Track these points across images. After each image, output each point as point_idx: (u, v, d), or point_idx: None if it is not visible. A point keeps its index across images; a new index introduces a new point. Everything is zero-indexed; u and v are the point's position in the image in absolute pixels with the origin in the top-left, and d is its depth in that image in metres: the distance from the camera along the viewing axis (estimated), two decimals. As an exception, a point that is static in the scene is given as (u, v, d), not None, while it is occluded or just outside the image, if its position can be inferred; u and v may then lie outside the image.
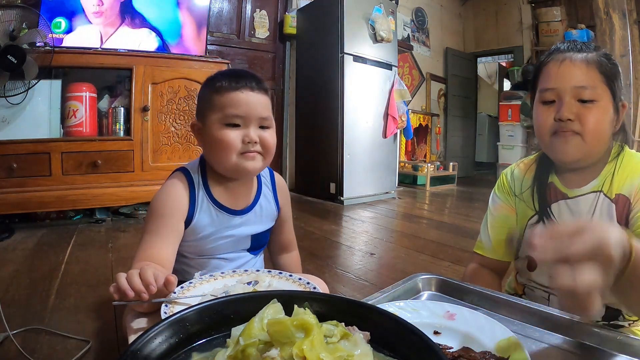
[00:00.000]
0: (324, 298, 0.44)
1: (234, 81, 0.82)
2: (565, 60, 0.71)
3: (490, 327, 0.53)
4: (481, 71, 6.66)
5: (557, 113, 0.71)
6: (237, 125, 0.81)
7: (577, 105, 0.70)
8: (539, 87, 0.75)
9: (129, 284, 0.58)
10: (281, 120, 3.74)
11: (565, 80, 0.70)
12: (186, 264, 0.89)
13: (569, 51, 0.73)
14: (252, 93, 0.82)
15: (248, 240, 0.92)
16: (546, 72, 0.74)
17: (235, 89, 0.81)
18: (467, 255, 1.92)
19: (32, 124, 2.14)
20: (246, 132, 0.81)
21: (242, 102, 0.81)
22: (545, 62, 0.74)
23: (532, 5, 4.87)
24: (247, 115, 0.81)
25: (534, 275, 0.85)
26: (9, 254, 1.73)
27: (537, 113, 0.75)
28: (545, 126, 0.73)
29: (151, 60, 2.43)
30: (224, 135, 0.80)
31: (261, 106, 0.83)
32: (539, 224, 0.81)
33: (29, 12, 2.15)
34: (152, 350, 0.34)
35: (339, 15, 3.14)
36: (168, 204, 0.83)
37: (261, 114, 0.83)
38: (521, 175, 0.86)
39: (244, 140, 0.81)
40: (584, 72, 0.70)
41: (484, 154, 6.05)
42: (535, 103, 0.77)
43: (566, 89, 0.70)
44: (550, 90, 0.72)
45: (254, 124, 0.82)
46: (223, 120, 0.81)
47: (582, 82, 0.69)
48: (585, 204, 0.76)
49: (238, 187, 0.90)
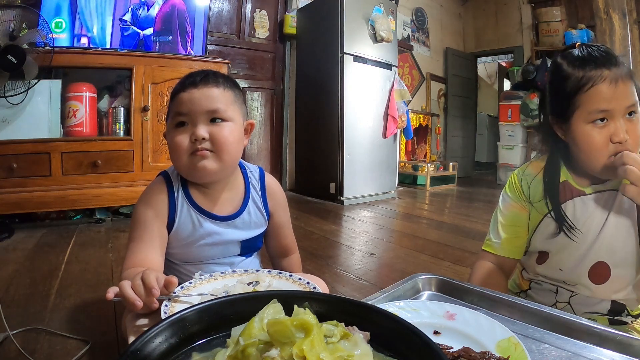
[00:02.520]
0: (324, 298, 0.44)
1: (182, 82, 0.82)
2: (619, 82, 0.70)
3: (490, 327, 0.53)
4: (481, 71, 6.66)
5: (614, 135, 0.71)
6: (184, 125, 0.80)
7: (626, 122, 0.71)
8: (588, 108, 0.72)
9: (137, 293, 0.59)
10: (281, 120, 3.74)
11: (620, 102, 0.70)
12: (176, 270, 0.88)
13: (612, 65, 0.71)
14: (195, 90, 0.79)
15: (237, 246, 0.90)
16: (600, 94, 0.71)
17: (182, 90, 0.80)
18: (467, 255, 1.92)
19: (32, 124, 2.14)
20: (193, 129, 0.79)
21: (185, 99, 0.79)
22: (595, 82, 0.71)
23: (532, 5, 4.87)
24: (190, 111, 0.79)
25: (542, 270, 0.87)
26: (9, 254, 1.73)
27: (586, 134, 0.73)
28: (601, 148, 0.72)
29: (151, 60, 2.43)
30: (172, 137, 0.80)
31: (206, 99, 0.79)
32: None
33: (29, 12, 2.15)
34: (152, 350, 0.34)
35: (339, 15, 3.14)
36: (148, 210, 0.82)
37: (207, 107, 0.78)
38: (533, 175, 0.86)
39: (190, 139, 0.79)
40: (631, 89, 0.71)
41: (484, 154, 6.04)
42: (579, 121, 0.74)
43: (621, 111, 0.71)
44: (605, 112, 0.71)
45: (202, 120, 0.79)
46: (172, 123, 0.81)
47: (632, 100, 0.71)
48: (605, 200, 0.78)
49: (216, 192, 0.87)
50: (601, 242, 0.78)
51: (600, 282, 0.79)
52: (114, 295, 0.60)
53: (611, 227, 0.77)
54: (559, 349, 0.53)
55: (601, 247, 0.78)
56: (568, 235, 0.79)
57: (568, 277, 0.82)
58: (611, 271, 0.78)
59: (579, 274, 0.80)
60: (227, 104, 0.81)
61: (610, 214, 0.77)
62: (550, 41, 4.60)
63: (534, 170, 0.87)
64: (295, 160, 3.73)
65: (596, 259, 0.79)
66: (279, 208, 0.96)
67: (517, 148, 4.67)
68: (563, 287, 0.84)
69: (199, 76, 0.82)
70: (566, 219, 0.80)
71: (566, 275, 0.82)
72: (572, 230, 0.79)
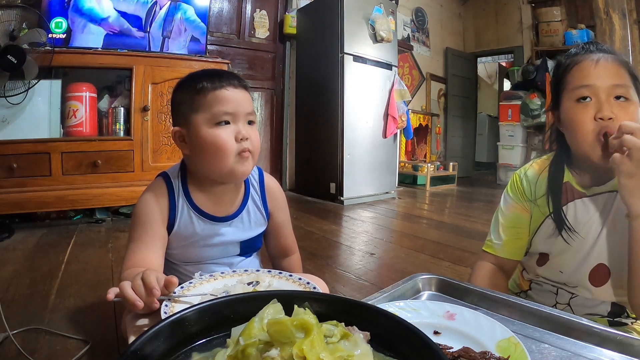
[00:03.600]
0: (324, 298, 0.44)
1: (216, 80, 0.80)
2: (600, 60, 0.72)
3: (490, 327, 0.53)
4: (481, 71, 6.66)
5: (598, 112, 0.71)
6: (227, 123, 0.79)
7: (613, 104, 0.71)
8: (572, 85, 0.74)
9: (137, 294, 0.58)
10: (281, 120, 3.74)
11: (602, 78, 0.71)
12: (176, 270, 0.88)
13: (599, 52, 0.74)
14: (236, 90, 0.81)
15: (237, 246, 0.90)
16: (581, 70, 0.74)
17: (219, 87, 0.79)
18: (467, 255, 1.92)
19: (32, 124, 2.14)
20: (237, 128, 0.79)
21: (230, 98, 0.79)
22: (578, 60, 0.75)
23: (532, 5, 4.87)
24: (236, 111, 0.79)
25: (542, 271, 0.86)
26: (9, 254, 1.73)
27: (572, 112, 0.74)
28: (585, 125, 0.72)
29: (151, 60, 2.43)
30: (216, 136, 0.77)
31: (247, 101, 0.82)
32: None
33: (29, 12, 2.16)
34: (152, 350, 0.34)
35: (339, 15, 3.14)
36: (148, 211, 0.82)
37: (248, 108, 0.81)
38: (535, 176, 0.86)
39: (236, 138, 0.78)
40: (617, 71, 0.72)
41: (484, 154, 6.05)
42: (566, 101, 0.76)
43: (603, 87, 0.71)
44: (587, 87, 0.72)
45: (243, 120, 0.80)
46: (212, 120, 0.78)
47: (617, 80, 0.71)
48: (604, 202, 0.78)
49: (222, 193, 0.87)
50: (601, 244, 0.78)
51: (600, 285, 0.79)
52: (115, 296, 0.60)
53: (611, 229, 0.77)
54: (559, 349, 0.53)
55: (601, 249, 0.78)
56: (565, 239, 0.79)
57: (568, 279, 0.82)
58: (610, 273, 0.78)
59: (580, 276, 0.80)
60: (253, 107, 0.85)
61: (610, 215, 0.77)
62: (550, 41, 4.60)
63: (537, 170, 0.86)
64: (295, 160, 3.73)
65: (596, 261, 0.79)
66: (278, 208, 0.96)
67: (517, 148, 4.67)
68: (563, 288, 0.84)
69: (231, 76, 0.82)
70: (566, 221, 0.80)
71: (566, 277, 0.82)
72: (571, 233, 0.79)
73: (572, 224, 0.79)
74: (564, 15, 4.52)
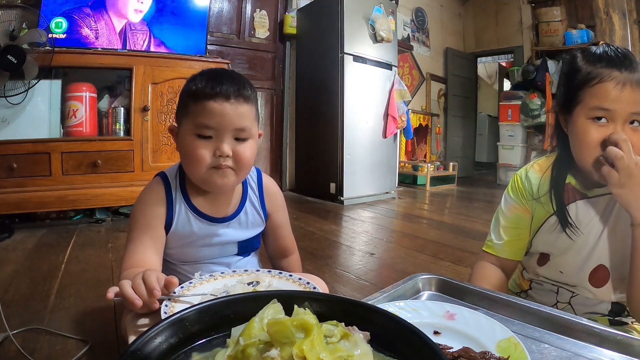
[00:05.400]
0: (324, 298, 0.44)
1: (211, 86, 0.75)
2: (626, 85, 0.69)
3: (490, 327, 0.53)
4: (481, 71, 6.66)
5: (611, 135, 0.70)
6: (208, 137, 0.76)
7: (627, 128, 0.70)
8: (591, 104, 0.72)
9: (137, 293, 0.58)
10: (281, 120, 3.74)
11: (624, 105, 0.69)
12: (174, 270, 0.88)
13: (625, 68, 0.70)
14: (226, 103, 0.75)
15: (235, 246, 0.90)
16: (604, 91, 0.70)
17: (210, 97, 0.75)
18: (467, 255, 1.92)
19: (32, 124, 2.14)
20: (218, 144, 0.75)
21: (216, 112, 0.74)
22: (603, 77, 0.71)
23: (532, 5, 4.87)
24: (220, 127, 0.75)
25: (542, 271, 0.87)
26: (9, 254, 1.73)
27: (583, 129, 0.73)
28: (594, 143, 0.71)
29: (151, 60, 2.43)
30: (194, 148, 0.76)
31: (237, 117, 0.76)
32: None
33: (29, 12, 2.16)
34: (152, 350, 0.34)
35: (339, 15, 3.14)
36: (146, 211, 0.81)
37: (237, 124, 0.76)
38: (537, 177, 0.86)
39: (215, 154, 0.76)
40: (639, 96, 0.70)
41: (484, 154, 6.04)
42: (579, 114, 0.74)
43: (623, 114, 0.70)
44: (605, 111, 0.70)
45: (228, 135, 0.76)
46: (194, 130, 0.76)
47: (638, 107, 0.69)
48: (606, 203, 0.78)
49: (218, 195, 0.86)
50: (602, 246, 0.78)
51: (600, 286, 0.79)
52: (114, 295, 0.60)
53: (611, 230, 0.77)
54: (559, 349, 0.53)
55: (602, 250, 0.78)
56: (570, 235, 0.79)
57: (569, 279, 0.82)
58: (610, 274, 0.78)
59: (580, 277, 0.80)
60: (252, 121, 0.80)
61: (611, 217, 0.77)
62: (550, 41, 4.60)
63: (538, 170, 0.86)
64: (295, 160, 3.73)
65: (597, 262, 0.79)
66: (276, 209, 0.96)
67: (517, 148, 4.67)
68: (564, 287, 0.84)
69: (230, 85, 0.76)
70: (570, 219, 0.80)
71: (567, 277, 0.82)
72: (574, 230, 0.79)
73: (575, 223, 0.79)
74: (564, 15, 4.52)
